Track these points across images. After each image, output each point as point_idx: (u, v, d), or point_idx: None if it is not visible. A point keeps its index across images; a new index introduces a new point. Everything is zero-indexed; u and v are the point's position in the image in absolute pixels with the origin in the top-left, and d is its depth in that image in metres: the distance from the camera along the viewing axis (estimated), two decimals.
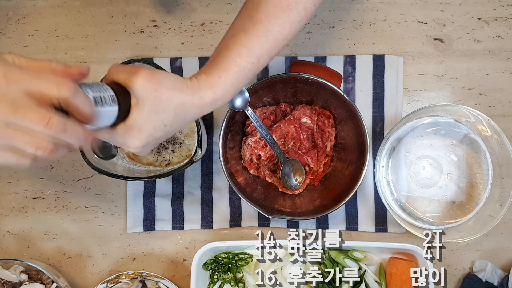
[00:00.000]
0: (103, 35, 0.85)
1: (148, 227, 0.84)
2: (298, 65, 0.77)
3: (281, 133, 0.80)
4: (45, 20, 0.85)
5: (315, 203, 0.79)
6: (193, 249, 0.84)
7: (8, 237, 0.85)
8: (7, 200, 0.85)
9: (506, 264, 0.83)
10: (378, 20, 0.85)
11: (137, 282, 0.80)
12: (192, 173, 0.84)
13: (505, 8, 0.84)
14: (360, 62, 0.84)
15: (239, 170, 0.80)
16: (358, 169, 0.74)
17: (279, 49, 0.58)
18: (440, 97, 0.85)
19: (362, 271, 0.79)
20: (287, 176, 0.78)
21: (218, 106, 0.56)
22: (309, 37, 0.85)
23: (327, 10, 0.85)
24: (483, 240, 0.82)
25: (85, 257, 0.84)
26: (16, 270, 0.78)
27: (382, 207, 0.82)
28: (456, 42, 0.84)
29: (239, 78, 0.55)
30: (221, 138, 0.74)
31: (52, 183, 0.85)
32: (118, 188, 0.85)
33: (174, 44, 0.85)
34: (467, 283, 0.81)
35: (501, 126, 0.75)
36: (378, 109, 0.84)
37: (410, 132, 0.81)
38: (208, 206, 0.84)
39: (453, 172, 0.81)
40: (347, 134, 0.80)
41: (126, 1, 0.85)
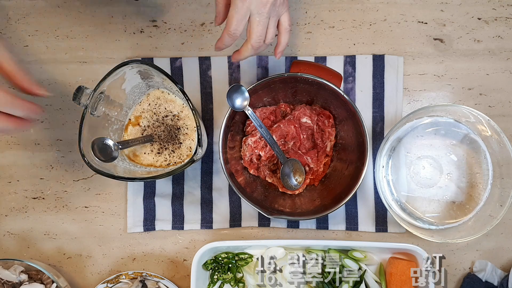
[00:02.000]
0: (103, 35, 0.85)
1: (148, 227, 0.84)
2: (298, 65, 0.77)
3: (281, 133, 0.80)
4: (45, 20, 0.85)
5: (315, 203, 0.79)
6: (193, 249, 0.84)
7: (8, 237, 0.85)
8: (7, 200, 0.85)
9: (506, 264, 0.83)
10: (378, 20, 0.85)
11: (137, 282, 0.80)
12: (192, 173, 0.84)
13: (505, 8, 0.84)
14: (360, 62, 0.84)
15: (239, 170, 0.80)
16: (358, 169, 0.74)
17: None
18: (440, 97, 0.85)
19: (362, 271, 0.79)
20: (287, 176, 0.78)
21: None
22: (309, 37, 0.85)
23: (327, 10, 0.85)
24: (483, 240, 0.82)
25: (85, 257, 0.84)
26: (16, 270, 0.78)
27: (382, 207, 0.82)
28: (456, 42, 0.84)
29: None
30: (221, 138, 0.74)
31: (52, 183, 0.85)
32: (118, 188, 0.85)
33: (174, 44, 0.85)
34: (467, 283, 0.81)
35: (501, 126, 0.75)
36: (378, 109, 0.84)
37: (410, 132, 0.81)
38: (208, 206, 0.84)
39: (453, 172, 0.81)
40: (347, 134, 0.80)
41: (126, 1, 0.85)
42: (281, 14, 0.68)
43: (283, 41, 0.71)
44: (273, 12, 0.66)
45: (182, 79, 0.84)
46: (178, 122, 0.78)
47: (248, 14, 0.64)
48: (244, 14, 0.64)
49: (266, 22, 0.65)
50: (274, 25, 0.68)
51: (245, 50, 0.68)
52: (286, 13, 0.69)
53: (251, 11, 0.64)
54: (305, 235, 0.84)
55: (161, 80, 0.74)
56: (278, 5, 0.66)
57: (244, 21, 0.64)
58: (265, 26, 0.65)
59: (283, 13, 0.68)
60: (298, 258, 0.77)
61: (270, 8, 0.64)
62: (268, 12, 0.65)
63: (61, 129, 0.85)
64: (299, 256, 0.77)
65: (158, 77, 0.74)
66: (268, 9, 0.64)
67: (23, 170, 0.85)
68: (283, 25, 0.70)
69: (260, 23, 0.65)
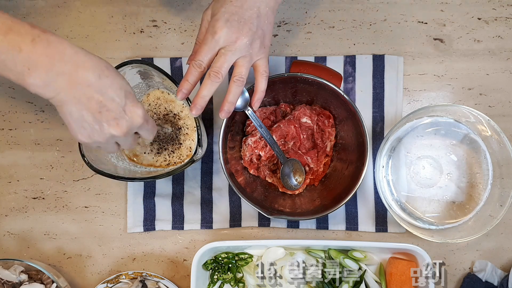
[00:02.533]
0: (103, 35, 0.85)
1: (148, 227, 0.84)
2: (298, 65, 0.77)
3: (281, 133, 0.80)
4: (45, 20, 0.85)
5: (315, 203, 0.79)
6: (193, 249, 0.84)
7: (8, 237, 0.85)
8: (7, 200, 0.85)
9: (506, 264, 0.83)
10: (378, 20, 0.85)
11: (137, 282, 0.80)
12: (192, 173, 0.84)
13: (505, 8, 0.84)
14: (360, 62, 0.84)
15: (239, 170, 0.80)
16: (358, 169, 0.74)
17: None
18: (440, 97, 0.84)
19: (362, 271, 0.79)
20: (287, 176, 0.78)
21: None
22: (309, 37, 0.85)
23: (327, 10, 0.85)
24: (483, 240, 0.82)
25: (85, 257, 0.84)
26: (16, 270, 0.78)
27: (382, 207, 0.82)
28: (456, 42, 0.84)
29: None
30: (221, 138, 0.74)
31: (52, 183, 0.85)
32: (118, 188, 0.85)
33: (174, 44, 0.85)
34: (467, 283, 0.81)
35: (501, 126, 0.75)
36: (378, 109, 0.84)
37: (410, 132, 0.81)
38: (208, 206, 0.84)
39: (453, 172, 0.81)
40: (347, 134, 0.80)
41: (126, 1, 0.85)
42: (255, 58, 0.65)
43: (260, 87, 0.67)
44: (245, 52, 0.63)
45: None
46: (178, 122, 0.78)
47: (216, 48, 0.62)
48: (212, 46, 0.62)
49: (232, 59, 0.62)
50: (245, 63, 0.64)
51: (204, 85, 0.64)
52: (264, 59, 0.66)
53: (220, 46, 0.62)
54: (305, 235, 0.84)
55: (161, 80, 0.74)
56: (253, 47, 0.63)
57: (210, 54, 0.62)
58: (230, 62, 0.62)
59: (259, 58, 0.65)
60: (298, 265, 0.78)
61: (241, 47, 0.62)
62: (239, 51, 0.62)
63: (61, 129, 0.85)
64: (299, 263, 0.78)
65: (158, 77, 0.74)
66: (237, 46, 0.62)
67: (23, 170, 0.85)
68: (259, 69, 0.66)
69: (226, 58, 0.62)
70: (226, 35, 0.61)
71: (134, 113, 0.59)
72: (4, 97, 0.85)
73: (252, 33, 0.62)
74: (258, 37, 0.63)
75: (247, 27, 0.62)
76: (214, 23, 0.62)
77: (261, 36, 0.64)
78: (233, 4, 0.62)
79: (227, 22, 0.61)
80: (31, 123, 0.85)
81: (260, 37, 0.64)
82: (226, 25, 0.61)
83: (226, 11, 0.62)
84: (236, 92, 0.65)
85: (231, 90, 0.65)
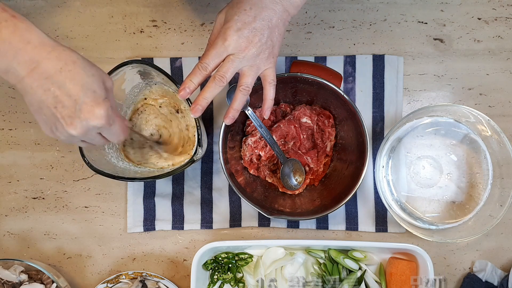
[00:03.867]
0: (103, 35, 0.85)
1: (148, 227, 0.84)
2: (298, 65, 0.77)
3: (281, 133, 0.80)
4: (45, 20, 0.85)
5: (315, 203, 0.79)
6: (193, 249, 0.84)
7: (8, 237, 0.85)
8: (7, 200, 0.85)
9: (506, 264, 0.83)
10: (378, 20, 0.85)
11: (137, 282, 0.80)
12: (192, 173, 0.84)
13: (505, 8, 0.84)
14: (360, 62, 0.84)
15: (239, 170, 0.80)
16: (358, 169, 0.74)
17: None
18: (440, 97, 0.85)
19: (362, 271, 0.79)
20: (287, 176, 0.78)
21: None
22: (309, 37, 0.85)
23: (327, 10, 0.85)
24: (483, 240, 0.82)
25: (85, 257, 0.84)
26: (16, 270, 0.78)
27: (382, 207, 0.82)
28: (456, 42, 0.84)
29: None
30: (221, 138, 0.74)
31: (52, 183, 0.85)
32: (118, 188, 0.85)
33: (174, 44, 0.85)
34: (467, 283, 0.81)
35: (501, 126, 0.75)
36: (378, 109, 0.84)
37: (410, 132, 0.81)
38: (208, 206, 0.84)
39: (453, 172, 0.81)
40: (347, 134, 0.80)
41: (126, 1, 0.85)
42: (263, 68, 0.65)
43: (269, 96, 0.68)
44: (252, 62, 0.63)
45: (182, 79, 0.84)
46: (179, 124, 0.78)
47: (224, 54, 0.62)
48: (220, 52, 0.62)
49: (239, 67, 0.63)
50: (251, 73, 0.65)
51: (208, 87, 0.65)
52: (272, 68, 0.66)
53: (229, 53, 0.62)
54: (305, 235, 0.84)
55: (161, 80, 0.74)
56: (261, 57, 0.64)
57: (218, 59, 0.63)
58: (235, 69, 0.63)
59: (267, 67, 0.66)
60: (298, 281, 0.78)
61: (249, 56, 0.62)
62: (246, 59, 0.63)
63: None
64: (298, 279, 0.78)
65: (158, 77, 0.74)
66: (245, 55, 0.62)
67: (23, 170, 0.85)
68: (267, 79, 0.67)
69: (232, 64, 0.62)
70: (236, 43, 0.61)
71: (91, 114, 0.55)
72: (4, 97, 0.85)
73: (262, 44, 0.63)
74: (267, 48, 0.64)
75: (257, 38, 0.62)
76: (225, 30, 0.62)
77: (270, 46, 0.64)
78: (247, 14, 0.62)
79: (239, 31, 0.61)
80: (31, 123, 0.85)
81: (269, 47, 0.64)
82: (237, 34, 0.61)
83: (240, 19, 0.61)
84: (241, 101, 0.66)
85: (237, 98, 0.66)
